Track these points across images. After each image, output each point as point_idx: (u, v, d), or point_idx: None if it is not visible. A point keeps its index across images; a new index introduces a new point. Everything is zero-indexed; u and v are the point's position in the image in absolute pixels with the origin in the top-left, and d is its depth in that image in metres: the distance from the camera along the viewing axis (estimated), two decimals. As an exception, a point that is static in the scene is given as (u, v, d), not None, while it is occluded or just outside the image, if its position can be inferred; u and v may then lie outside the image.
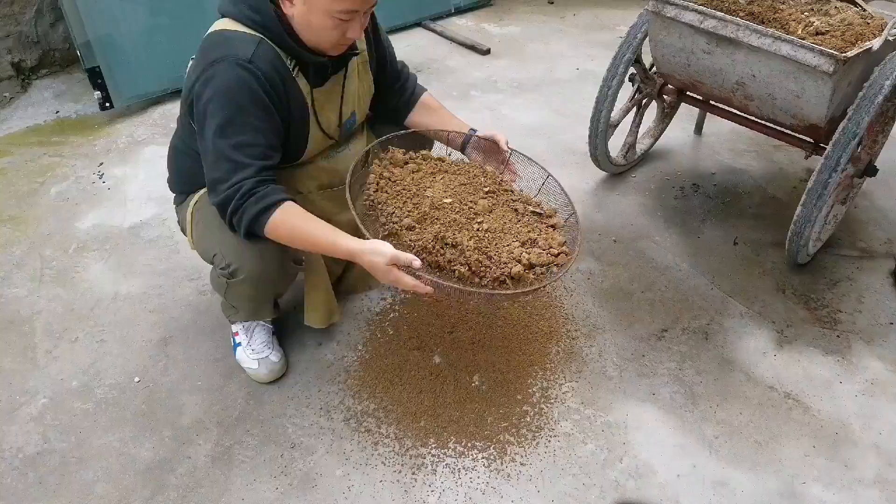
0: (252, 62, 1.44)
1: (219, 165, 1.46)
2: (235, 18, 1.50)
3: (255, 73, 1.45)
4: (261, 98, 1.46)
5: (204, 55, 1.48)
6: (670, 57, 2.23)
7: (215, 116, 1.45)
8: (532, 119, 3.13)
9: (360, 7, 1.45)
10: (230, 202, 1.46)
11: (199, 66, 1.48)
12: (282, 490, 1.64)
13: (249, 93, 1.45)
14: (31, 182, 2.65)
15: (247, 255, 1.59)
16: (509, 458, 1.71)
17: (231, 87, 1.44)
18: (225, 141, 1.45)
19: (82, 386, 1.87)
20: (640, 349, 2.02)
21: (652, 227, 2.49)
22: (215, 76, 1.44)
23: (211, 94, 1.45)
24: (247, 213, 1.46)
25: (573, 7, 4.36)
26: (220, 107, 1.44)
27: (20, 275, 2.22)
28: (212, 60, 1.45)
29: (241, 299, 1.74)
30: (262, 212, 1.45)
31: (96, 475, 1.66)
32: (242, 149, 1.45)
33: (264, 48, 1.47)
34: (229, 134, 1.45)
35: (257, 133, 1.47)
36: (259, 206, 1.45)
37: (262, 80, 1.46)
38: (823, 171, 1.97)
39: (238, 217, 1.47)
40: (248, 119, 1.46)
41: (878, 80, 1.92)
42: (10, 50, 3.15)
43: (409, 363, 1.92)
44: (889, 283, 2.27)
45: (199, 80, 1.46)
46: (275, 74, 1.49)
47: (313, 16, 1.44)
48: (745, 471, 1.70)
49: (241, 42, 1.46)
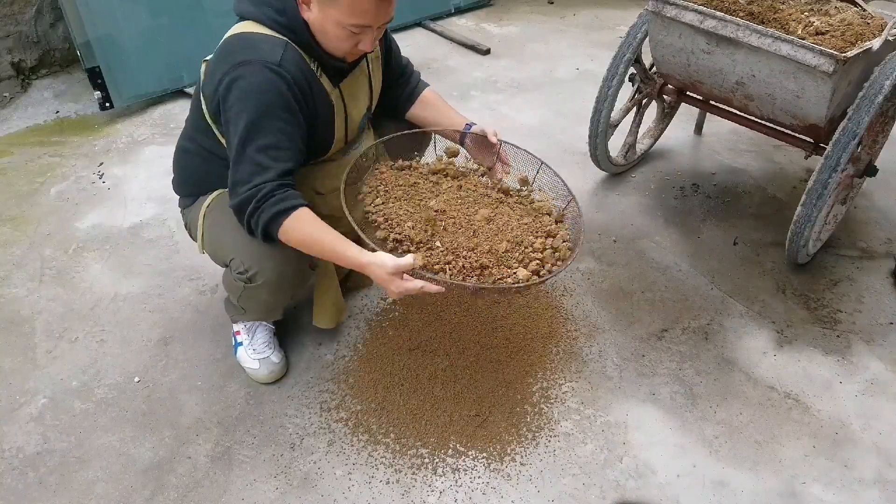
0: (281, 65, 1.44)
1: (242, 167, 1.46)
2: (258, 20, 1.49)
3: (285, 77, 1.44)
4: (289, 101, 1.46)
5: (228, 57, 1.47)
6: (670, 57, 2.23)
7: (241, 118, 1.44)
8: (532, 119, 3.13)
9: (372, 23, 1.45)
10: (249, 203, 1.46)
11: (223, 67, 1.46)
12: (282, 490, 1.64)
13: (278, 96, 1.44)
14: (31, 182, 2.65)
15: (266, 260, 1.58)
16: (509, 458, 1.71)
17: (261, 89, 1.43)
18: (250, 143, 1.44)
19: (82, 386, 1.87)
20: (640, 349, 2.02)
21: (652, 227, 2.49)
22: (243, 77, 1.43)
23: (238, 95, 1.44)
24: (264, 215, 1.46)
25: (573, 7, 4.36)
26: (246, 109, 1.44)
27: (20, 275, 2.22)
28: (239, 62, 1.44)
29: (256, 303, 1.73)
30: (279, 214, 1.45)
31: (96, 475, 1.66)
32: (266, 151, 1.45)
33: (291, 51, 1.47)
34: (255, 137, 1.44)
35: (283, 136, 1.47)
36: (276, 209, 1.45)
37: (291, 84, 1.46)
38: (823, 171, 1.97)
39: (256, 218, 1.47)
40: (274, 122, 1.45)
41: (878, 80, 1.92)
42: (10, 50, 3.15)
43: (409, 363, 1.92)
44: (889, 283, 2.27)
45: (225, 82, 1.45)
46: (302, 77, 1.49)
47: (327, 24, 1.45)
48: (745, 471, 1.70)
49: (268, 45, 1.46)
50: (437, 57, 3.68)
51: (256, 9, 1.49)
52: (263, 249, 1.56)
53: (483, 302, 2.06)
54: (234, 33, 1.51)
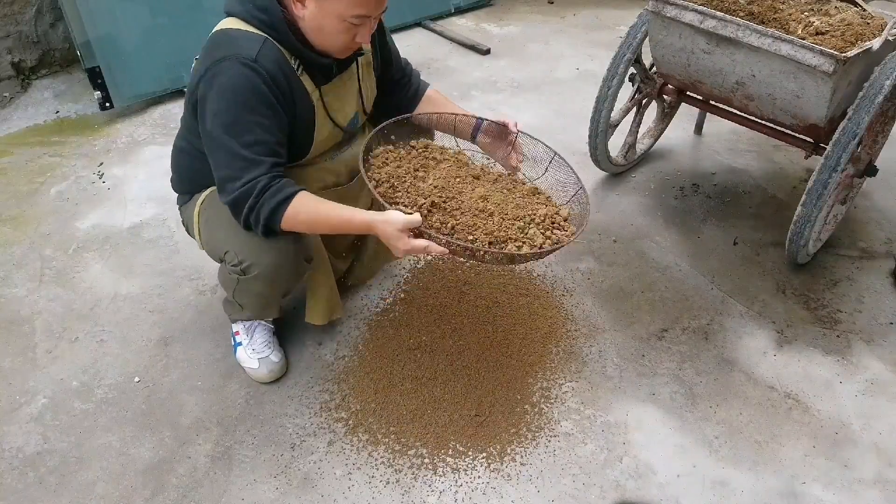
0: (256, 61, 1.45)
1: (229, 163, 1.46)
2: (241, 17, 1.50)
3: (260, 72, 1.45)
4: (266, 96, 1.47)
5: (208, 54, 1.48)
6: (670, 57, 2.23)
7: (221, 115, 1.45)
8: (532, 119, 3.13)
9: (372, 12, 1.46)
10: (245, 200, 1.46)
11: (203, 64, 1.48)
12: (282, 490, 1.64)
13: (255, 91, 1.45)
14: (31, 182, 2.65)
15: (260, 251, 1.58)
16: (509, 458, 1.71)
17: (236, 85, 1.44)
18: (233, 139, 1.45)
19: (82, 386, 1.87)
20: (640, 349, 2.02)
21: (652, 227, 2.49)
22: (219, 74, 1.44)
23: (216, 92, 1.45)
24: (265, 208, 1.46)
25: (573, 7, 4.36)
26: (226, 106, 1.44)
27: (20, 275, 2.22)
28: (216, 59, 1.45)
29: (251, 296, 1.73)
30: (280, 203, 1.46)
31: (96, 475, 1.66)
32: (252, 147, 1.46)
33: (269, 47, 1.48)
34: (237, 132, 1.45)
35: (265, 131, 1.47)
36: (276, 199, 1.46)
37: (267, 79, 1.46)
38: (823, 171, 1.97)
39: (255, 214, 1.48)
40: (255, 117, 1.46)
41: (878, 79, 1.92)
42: (10, 50, 3.15)
43: (409, 363, 1.92)
44: (889, 283, 2.27)
45: (204, 79, 1.46)
46: (279, 73, 1.49)
47: (325, 19, 1.45)
48: (745, 471, 1.70)
49: (246, 41, 1.46)
50: (437, 57, 3.68)
51: (240, 6, 1.50)
52: (257, 241, 1.56)
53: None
54: (217, 30, 1.52)
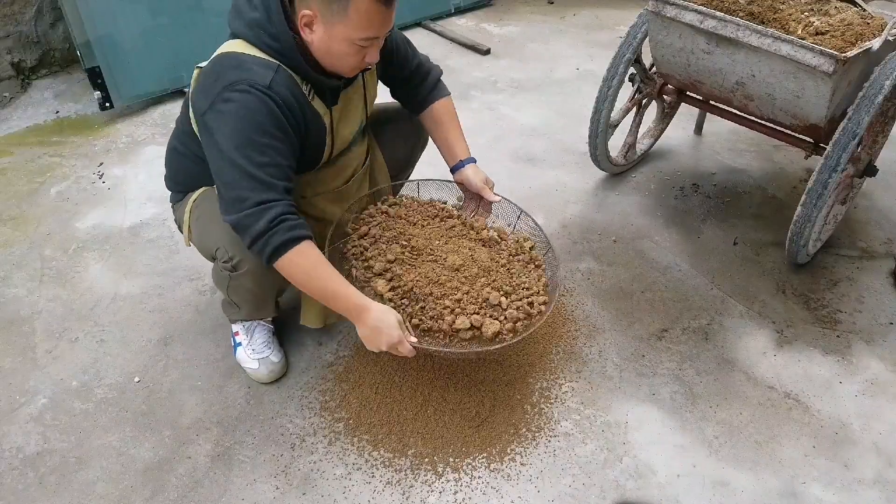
0: (271, 88, 1.44)
1: (240, 183, 1.44)
2: (251, 42, 1.48)
3: (275, 99, 1.44)
4: (280, 121, 1.46)
5: (219, 76, 1.46)
6: (670, 57, 2.23)
7: (233, 137, 1.43)
8: (532, 119, 3.13)
9: (379, 33, 1.46)
10: (256, 222, 1.43)
11: (214, 87, 1.45)
12: (282, 490, 1.64)
13: (269, 115, 1.44)
14: (31, 182, 2.65)
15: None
16: (509, 458, 1.71)
17: (251, 109, 1.43)
18: (246, 159, 1.43)
19: (82, 386, 1.87)
20: (640, 349, 2.02)
21: (652, 227, 2.49)
22: (233, 99, 1.42)
23: (229, 116, 1.43)
24: (276, 238, 1.44)
25: (573, 7, 4.37)
26: (240, 127, 1.43)
27: (20, 275, 2.22)
28: (229, 83, 1.43)
29: (243, 294, 1.74)
30: (289, 242, 1.45)
31: (96, 475, 1.66)
32: (265, 168, 1.44)
33: (282, 74, 1.47)
34: (250, 154, 1.43)
35: (278, 153, 1.47)
36: (289, 236, 1.44)
37: (282, 105, 1.46)
38: (823, 171, 1.97)
39: (265, 240, 1.44)
40: (268, 140, 1.45)
41: (878, 79, 1.92)
42: (10, 50, 3.15)
43: (409, 363, 1.92)
44: (889, 283, 2.27)
45: (217, 102, 1.44)
46: (292, 100, 1.49)
47: (334, 43, 1.44)
48: (745, 471, 1.70)
49: (259, 67, 1.45)
50: (437, 57, 3.67)
51: (250, 31, 1.48)
52: None
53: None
54: (227, 52, 1.50)
